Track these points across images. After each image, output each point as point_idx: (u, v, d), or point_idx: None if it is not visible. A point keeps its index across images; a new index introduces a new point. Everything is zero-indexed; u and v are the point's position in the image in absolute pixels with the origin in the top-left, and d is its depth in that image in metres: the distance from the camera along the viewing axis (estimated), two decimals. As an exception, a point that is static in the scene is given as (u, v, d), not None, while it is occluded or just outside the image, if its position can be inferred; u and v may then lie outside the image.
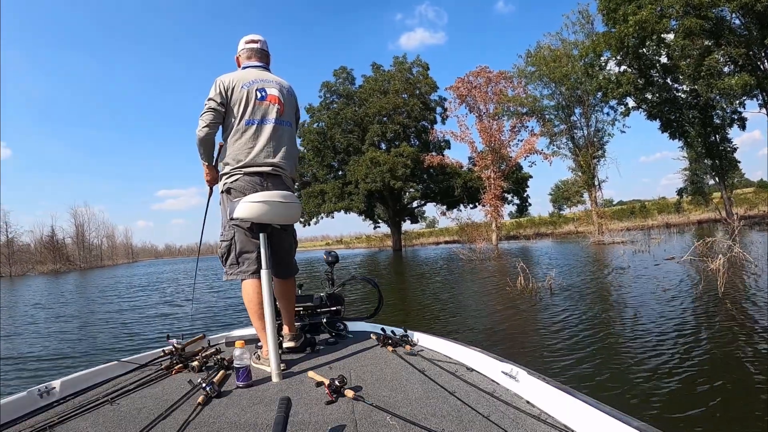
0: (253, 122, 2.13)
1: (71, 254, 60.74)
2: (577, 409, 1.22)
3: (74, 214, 64.21)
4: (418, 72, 36.20)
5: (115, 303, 13.38)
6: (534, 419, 1.28)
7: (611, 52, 22.17)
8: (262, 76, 2.23)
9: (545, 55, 25.43)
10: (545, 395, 1.37)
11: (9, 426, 1.47)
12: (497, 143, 26.87)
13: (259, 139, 2.13)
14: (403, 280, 14.76)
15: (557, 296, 8.18)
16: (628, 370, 3.92)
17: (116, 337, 7.66)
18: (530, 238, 38.63)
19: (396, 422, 1.30)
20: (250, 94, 2.14)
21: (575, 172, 26.70)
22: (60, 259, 57.00)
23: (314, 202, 35.11)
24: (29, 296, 19.24)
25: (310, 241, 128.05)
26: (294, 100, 2.34)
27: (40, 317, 11.30)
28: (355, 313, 6.57)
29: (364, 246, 61.91)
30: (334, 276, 2.91)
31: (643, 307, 6.53)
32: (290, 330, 2.26)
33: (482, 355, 1.83)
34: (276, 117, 2.17)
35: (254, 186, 2.10)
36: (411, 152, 31.80)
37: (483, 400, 1.46)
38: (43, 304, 14.94)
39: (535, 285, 8.90)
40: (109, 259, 72.45)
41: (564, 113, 26.49)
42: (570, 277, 10.75)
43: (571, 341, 5.09)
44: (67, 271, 49.91)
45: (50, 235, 58.74)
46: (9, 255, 52.08)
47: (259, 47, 2.33)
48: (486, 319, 7.03)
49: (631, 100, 23.66)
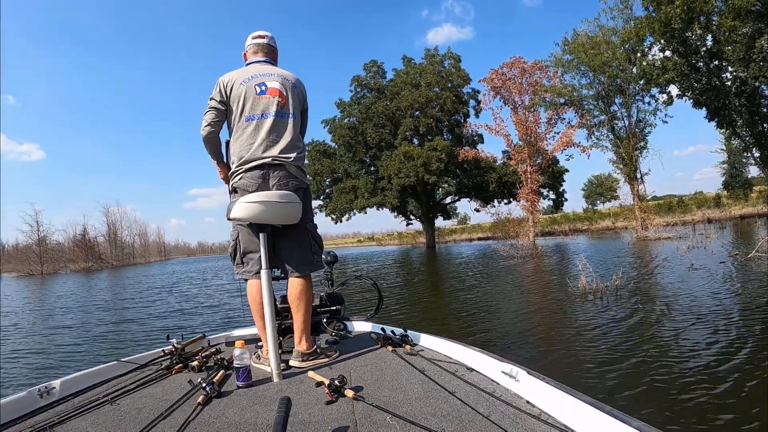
0: (253, 118, 2.12)
1: (103, 252, 61.44)
2: (577, 409, 1.22)
3: (106, 213, 65.25)
4: (450, 64, 35.41)
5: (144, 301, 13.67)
6: (534, 419, 1.28)
7: (654, 37, 20.91)
8: (264, 70, 2.21)
9: (583, 42, 24.30)
10: (545, 395, 1.37)
11: (9, 426, 1.47)
12: (533, 136, 25.96)
13: (259, 134, 2.11)
14: (441, 281, 13.62)
15: (626, 300, 7.15)
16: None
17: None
18: (566, 234, 37.44)
19: (396, 422, 1.30)
20: (249, 90, 2.14)
21: (616, 165, 25.45)
22: (92, 257, 57.65)
23: (346, 198, 34.83)
24: (60, 293, 20.00)
25: (342, 238, 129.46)
26: (300, 92, 2.29)
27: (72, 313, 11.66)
28: (355, 313, 6.33)
29: (396, 243, 61.60)
30: (333, 276, 2.92)
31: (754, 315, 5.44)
32: (299, 343, 2.12)
33: (482, 355, 1.82)
34: (277, 110, 2.14)
35: (256, 182, 2.08)
36: (445, 146, 30.99)
37: (483, 400, 1.46)
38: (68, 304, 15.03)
39: (599, 286, 7.89)
40: (141, 257, 72.92)
41: (603, 103, 25.31)
42: (633, 276, 9.57)
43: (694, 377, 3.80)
44: (99, 269, 50.55)
45: (82, 233, 59.67)
46: (40, 253, 52.95)
47: (266, 42, 2.32)
48: (560, 338, 5.53)
49: (676, 87, 22.33)
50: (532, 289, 10.13)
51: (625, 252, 16.93)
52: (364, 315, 3.05)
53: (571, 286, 8.52)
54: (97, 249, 60.57)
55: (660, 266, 11.29)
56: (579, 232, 39.33)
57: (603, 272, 9.53)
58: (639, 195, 25.14)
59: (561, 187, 35.51)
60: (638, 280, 9.15)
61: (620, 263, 12.59)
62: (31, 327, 9.92)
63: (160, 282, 22.13)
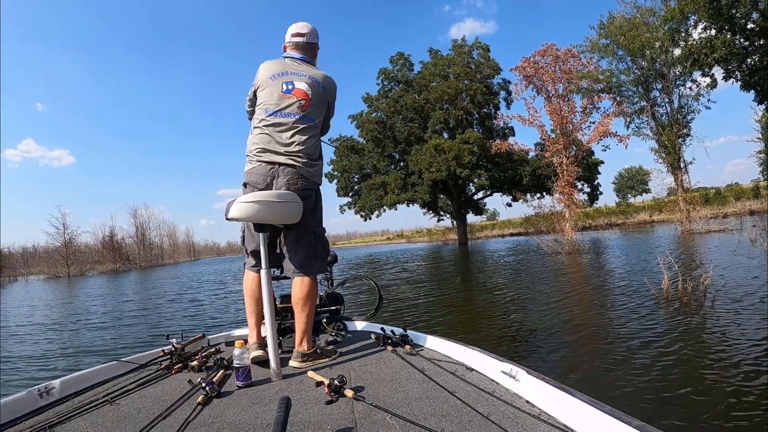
0: (275, 114, 2.14)
1: (131, 253, 61.42)
2: (576, 409, 1.21)
3: (134, 215, 65.35)
4: (479, 54, 34.49)
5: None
6: (534, 419, 1.27)
7: (698, 14, 19.61)
8: (295, 69, 2.22)
9: (621, 24, 23.09)
10: (545, 395, 1.36)
11: (9, 426, 1.47)
12: (569, 126, 24.92)
13: (277, 130, 2.13)
14: (478, 283, 11.75)
15: (732, 309, 5.62)
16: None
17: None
18: (602, 228, 35.96)
19: (396, 422, 1.30)
20: (277, 86, 2.17)
21: (658, 153, 24.12)
22: (119, 258, 57.55)
23: (375, 195, 34.40)
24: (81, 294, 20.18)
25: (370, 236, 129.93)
26: (328, 95, 2.28)
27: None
28: (355, 312, 5.84)
29: (425, 240, 60.99)
30: (333, 275, 2.92)
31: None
32: (299, 344, 2.12)
33: (482, 354, 1.81)
34: (299, 111, 2.15)
35: (265, 179, 2.10)
36: (477, 138, 30.15)
37: (483, 400, 1.45)
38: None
39: (688, 287, 6.37)
40: (170, 257, 72.90)
41: (643, 89, 24.02)
42: (717, 276, 7.60)
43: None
44: (127, 271, 50.04)
45: (110, 235, 59.68)
46: (66, 255, 52.84)
47: (305, 41, 2.31)
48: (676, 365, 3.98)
49: (721, 69, 20.96)
50: (602, 292, 8.33)
51: (678, 247, 15.52)
52: (363, 315, 3.02)
53: (653, 289, 6.89)
54: (125, 250, 60.88)
55: (736, 264, 9.37)
56: (614, 227, 37.52)
57: (654, 270, 8.51)
58: (683, 185, 23.77)
59: (596, 179, 34.11)
60: (726, 282, 7.43)
61: (683, 260, 10.53)
62: (30, 326, 10.05)
63: (171, 284, 21.45)
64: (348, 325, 2.76)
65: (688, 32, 21.04)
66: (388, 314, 7.22)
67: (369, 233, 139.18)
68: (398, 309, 7.99)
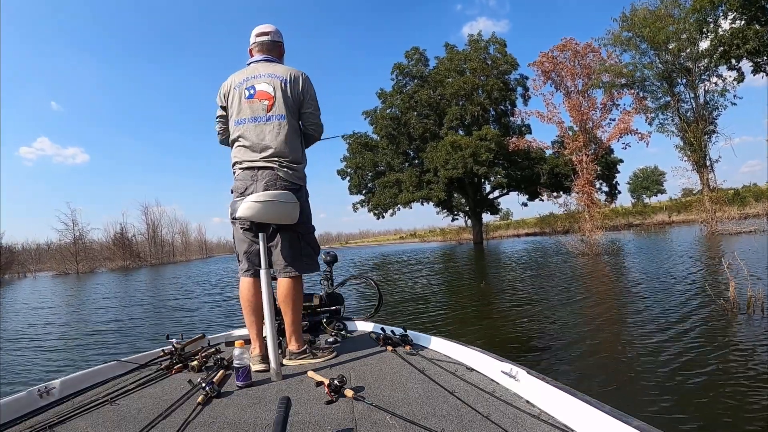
0: (242, 122, 2.18)
1: (142, 250, 60.83)
2: (577, 409, 1.21)
3: (145, 212, 64.58)
4: (496, 49, 33.84)
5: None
6: (534, 419, 1.27)
7: (728, 4, 18.84)
8: (257, 71, 2.21)
9: (645, 16, 22.35)
10: (545, 395, 1.36)
11: (9, 426, 1.48)
12: (589, 122, 24.23)
13: (246, 138, 2.15)
14: (501, 290, 10.22)
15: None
16: None
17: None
18: (622, 228, 35.05)
19: (396, 422, 1.30)
20: (240, 94, 2.18)
21: (684, 150, 23.32)
22: (130, 255, 56.98)
23: (389, 193, 33.96)
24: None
25: (383, 235, 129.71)
26: (295, 88, 2.20)
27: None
28: (355, 312, 5.70)
29: (439, 239, 60.48)
30: (333, 275, 2.91)
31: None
32: (289, 343, 2.17)
33: (482, 354, 1.79)
34: (264, 113, 2.15)
35: (245, 183, 2.12)
36: (494, 135, 29.45)
37: (483, 400, 1.45)
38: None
39: (758, 295, 5.46)
40: (182, 255, 71.79)
41: (667, 83, 23.23)
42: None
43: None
44: (137, 268, 49.32)
45: (120, 232, 59.18)
46: (75, 252, 52.64)
47: (270, 39, 2.30)
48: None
49: (749, 62, 20.12)
50: (654, 299, 7.16)
51: (708, 248, 14.70)
52: (363, 315, 3.01)
53: (720, 300, 5.84)
54: (136, 247, 60.35)
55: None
56: (633, 227, 36.53)
57: (708, 276, 7.58)
58: (708, 184, 22.92)
59: (615, 178, 33.25)
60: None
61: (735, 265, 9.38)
62: (27, 326, 10.01)
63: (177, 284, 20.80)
64: (348, 325, 2.78)
65: (717, 22, 20.25)
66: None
67: (382, 232, 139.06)
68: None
